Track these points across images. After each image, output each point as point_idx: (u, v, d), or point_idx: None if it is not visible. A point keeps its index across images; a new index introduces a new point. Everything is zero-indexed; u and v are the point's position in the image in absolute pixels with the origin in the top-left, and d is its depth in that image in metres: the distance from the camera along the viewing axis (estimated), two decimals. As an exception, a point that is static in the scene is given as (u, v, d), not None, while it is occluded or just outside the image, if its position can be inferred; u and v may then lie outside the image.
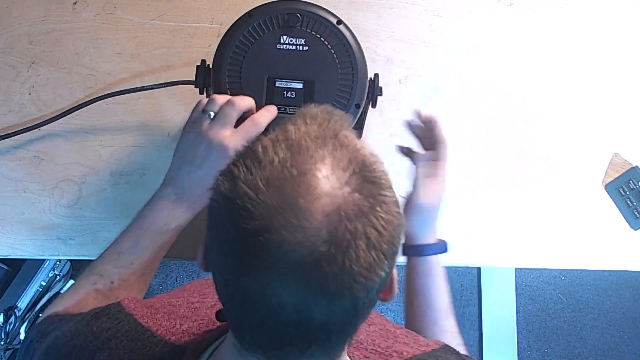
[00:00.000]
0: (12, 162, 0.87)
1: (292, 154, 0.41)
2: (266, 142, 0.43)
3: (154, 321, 0.58)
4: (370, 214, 0.40)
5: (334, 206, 0.39)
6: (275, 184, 0.40)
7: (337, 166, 0.41)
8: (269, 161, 0.41)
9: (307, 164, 0.41)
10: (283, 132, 0.44)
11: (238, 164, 0.42)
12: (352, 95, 0.72)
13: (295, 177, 0.40)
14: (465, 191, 0.90)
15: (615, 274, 1.87)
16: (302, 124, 0.45)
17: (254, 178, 0.40)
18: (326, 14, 0.71)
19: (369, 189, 0.41)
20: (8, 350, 1.28)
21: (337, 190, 0.40)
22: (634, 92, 0.93)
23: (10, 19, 0.90)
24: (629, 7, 0.94)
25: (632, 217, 0.89)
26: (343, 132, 0.45)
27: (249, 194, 0.40)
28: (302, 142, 0.42)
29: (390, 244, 0.41)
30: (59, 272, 1.31)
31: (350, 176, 0.41)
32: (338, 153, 0.42)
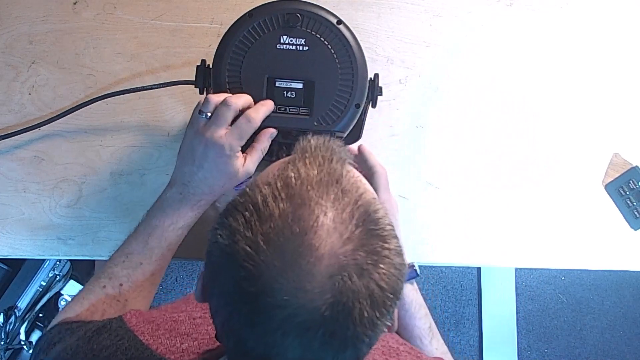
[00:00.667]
0: (12, 162, 0.87)
1: (294, 207, 0.40)
2: (266, 191, 0.41)
3: (154, 338, 0.57)
4: (374, 271, 0.39)
5: (337, 267, 0.38)
6: (276, 243, 0.39)
7: (340, 219, 0.40)
8: (269, 214, 0.40)
9: (309, 219, 0.39)
10: (283, 178, 0.42)
11: (237, 215, 0.41)
12: (352, 95, 0.72)
13: (297, 235, 0.39)
14: (465, 191, 0.90)
15: (615, 274, 1.87)
16: (302, 167, 0.43)
17: (254, 235, 0.39)
18: (326, 14, 0.71)
19: (372, 244, 0.40)
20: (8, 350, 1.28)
21: (340, 249, 0.39)
22: (634, 92, 0.93)
23: (10, 19, 0.90)
24: (629, 7, 0.94)
25: (632, 217, 0.89)
26: (345, 175, 0.44)
27: (249, 253, 0.39)
28: (303, 192, 0.41)
29: (393, 297, 0.41)
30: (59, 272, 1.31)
31: (352, 231, 0.40)
32: (340, 204, 0.41)
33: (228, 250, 0.40)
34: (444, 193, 0.89)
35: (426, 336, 0.75)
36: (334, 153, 0.45)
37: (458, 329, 1.80)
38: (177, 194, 0.70)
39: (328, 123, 0.72)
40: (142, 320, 0.60)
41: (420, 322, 0.75)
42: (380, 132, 0.90)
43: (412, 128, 0.90)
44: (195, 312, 0.64)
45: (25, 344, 1.27)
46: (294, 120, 0.72)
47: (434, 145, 0.90)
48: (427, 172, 0.90)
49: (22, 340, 1.27)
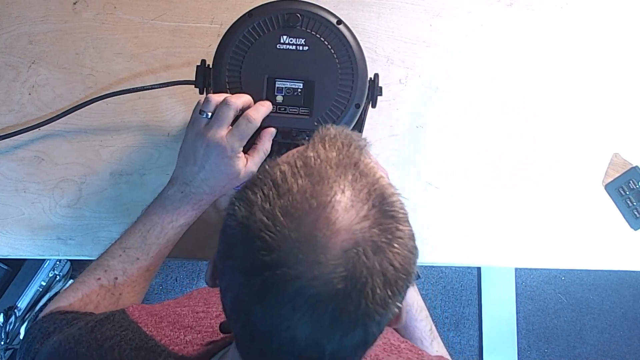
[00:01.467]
0: (12, 162, 0.87)
1: (312, 183, 0.40)
2: (285, 168, 0.42)
3: (157, 330, 0.57)
4: (388, 250, 0.40)
5: (352, 242, 0.39)
6: (293, 216, 0.39)
7: (357, 198, 0.40)
8: (287, 189, 0.40)
9: (327, 195, 0.40)
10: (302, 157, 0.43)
11: (255, 189, 0.41)
12: (352, 95, 0.72)
13: (314, 209, 0.39)
14: (465, 191, 0.90)
15: (615, 274, 1.86)
16: (322, 149, 0.44)
17: (272, 207, 0.40)
18: (326, 14, 0.71)
19: (387, 224, 0.41)
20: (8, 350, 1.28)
21: (356, 225, 0.39)
22: (634, 92, 0.93)
23: (10, 19, 0.90)
24: (629, 7, 0.94)
25: (632, 217, 0.89)
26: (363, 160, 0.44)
27: (267, 224, 0.39)
28: (322, 170, 0.41)
29: (405, 279, 0.41)
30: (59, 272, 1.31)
31: (369, 210, 0.40)
32: (358, 184, 0.41)
33: (245, 221, 0.40)
34: (444, 193, 0.89)
35: (427, 338, 0.75)
36: (352, 140, 0.46)
37: (458, 329, 1.80)
38: (179, 193, 0.70)
39: (328, 123, 0.72)
40: (145, 313, 0.60)
41: (421, 324, 0.75)
42: (380, 132, 0.90)
43: (412, 128, 0.90)
44: (198, 306, 0.64)
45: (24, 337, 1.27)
46: (294, 120, 0.72)
47: (434, 145, 0.90)
48: (427, 172, 0.90)
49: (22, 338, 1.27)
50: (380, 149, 0.89)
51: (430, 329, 0.75)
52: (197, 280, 1.80)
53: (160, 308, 0.62)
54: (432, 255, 0.88)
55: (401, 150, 0.90)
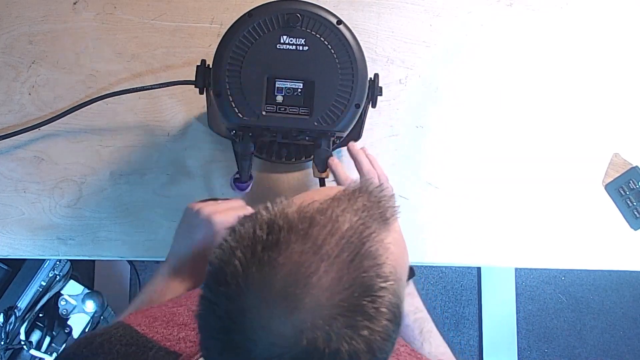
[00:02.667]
0: (12, 162, 0.87)
1: (303, 249, 0.39)
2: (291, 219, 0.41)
3: (150, 328, 0.57)
4: (345, 344, 0.38)
5: (310, 325, 0.37)
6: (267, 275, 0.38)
7: (337, 287, 0.39)
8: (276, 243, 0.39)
9: (310, 270, 0.38)
10: (311, 214, 0.41)
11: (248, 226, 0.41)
12: (352, 95, 0.72)
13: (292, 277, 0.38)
14: (465, 191, 0.90)
15: (615, 274, 1.86)
16: (340, 211, 0.42)
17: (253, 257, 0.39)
18: (326, 14, 0.71)
19: (357, 320, 0.39)
20: (8, 350, 1.28)
21: (324, 310, 0.38)
22: (634, 92, 0.93)
23: (10, 19, 0.90)
24: (629, 7, 0.94)
25: (632, 217, 0.89)
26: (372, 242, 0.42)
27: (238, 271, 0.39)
28: (319, 239, 0.40)
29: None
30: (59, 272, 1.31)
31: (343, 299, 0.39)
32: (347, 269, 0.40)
33: (224, 258, 0.40)
34: (444, 193, 0.89)
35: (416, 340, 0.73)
36: (383, 203, 0.44)
37: (458, 329, 1.80)
38: (168, 270, 0.72)
39: (328, 123, 0.72)
40: (140, 315, 0.61)
41: (407, 329, 0.74)
42: (380, 132, 0.90)
43: (412, 128, 0.90)
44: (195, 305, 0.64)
45: (25, 344, 1.27)
46: (294, 120, 0.72)
47: (434, 145, 0.90)
48: (427, 172, 0.90)
49: (22, 340, 1.27)
50: (380, 149, 0.89)
51: (421, 331, 0.74)
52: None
53: (157, 309, 0.62)
54: (432, 255, 0.88)
55: (401, 150, 0.90)
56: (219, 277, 0.40)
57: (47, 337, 1.31)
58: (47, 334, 1.30)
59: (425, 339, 0.74)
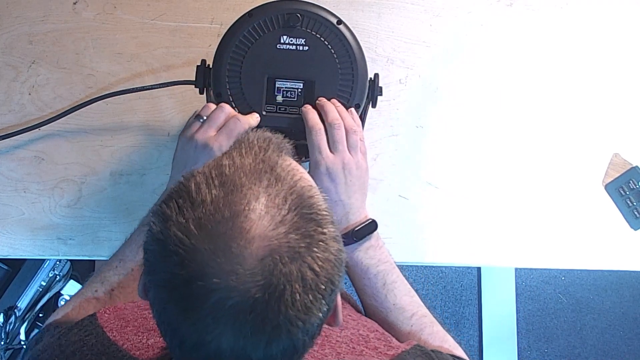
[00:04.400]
0: (12, 162, 0.87)
1: (225, 193, 0.40)
2: (200, 179, 0.41)
3: (121, 335, 0.57)
4: (307, 255, 0.39)
5: (268, 249, 0.38)
6: (207, 227, 0.39)
7: (272, 204, 0.40)
8: (201, 200, 0.40)
9: (240, 204, 0.39)
10: (217, 167, 0.42)
11: (170, 203, 0.41)
12: (352, 95, 0.72)
13: (227, 219, 0.39)
14: (465, 191, 0.90)
15: (615, 274, 1.86)
16: (238, 157, 0.43)
17: (186, 220, 0.39)
18: (326, 14, 0.71)
19: (306, 228, 0.40)
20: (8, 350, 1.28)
21: (271, 231, 0.39)
22: (634, 92, 0.93)
23: (10, 19, 0.90)
24: (629, 7, 0.94)
25: (632, 217, 0.89)
26: (280, 163, 0.43)
27: (181, 238, 0.39)
28: (235, 179, 0.41)
29: (329, 282, 0.40)
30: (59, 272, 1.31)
31: (285, 214, 0.40)
32: (273, 189, 0.41)
33: (160, 237, 0.40)
34: (444, 193, 0.89)
35: (379, 293, 0.72)
36: (270, 143, 0.46)
37: (458, 329, 1.80)
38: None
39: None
40: (113, 316, 0.61)
41: (370, 281, 0.72)
42: (380, 132, 0.90)
43: (412, 128, 0.90)
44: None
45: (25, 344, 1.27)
46: (294, 121, 0.72)
47: (434, 145, 0.90)
48: (427, 172, 0.90)
49: (22, 340, 1.27)
50: (380, 149, 0.89)
51: (384, 284, 0.72)
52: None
53: (131, 311, 0.62)
54: (432, 255, 0.88)
55: (401, 150, 0.90)
56: (165, 250, 0.40)
57: (47, 337, 1.31)
58: (47, 334, 1.30)
59: (389, 291, 0.72)
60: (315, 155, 0.69)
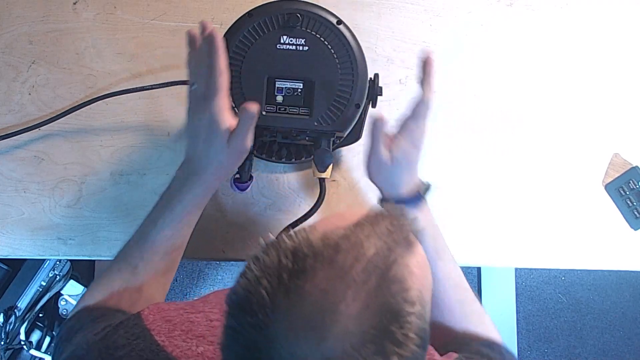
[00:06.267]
0: (12, 162, 0.87)
1: (330, 277, 0.40)
2: (316, 247, 0.41)
3: (170, 340, 0.57)
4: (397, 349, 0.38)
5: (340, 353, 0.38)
6: (295, 303, 0.38)
7: (366, 315, 0.39)
8: (303, 270, 0.40)
9: (338, 297, 0.39)
10: (335, 240, 0.42)
11: (272, 255, 0.41)
12: (352, 95, 0.72)
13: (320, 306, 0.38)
14: (466, 191, 0.90)
15: (615, 274, 1.86)
16: (365, 238, 0.42)
17: (279, 285, 0.39)
18: (326, 14, 0.71)
19: (386, 349, 0.39)
20: (8, 350, 1.28)
21: (352, 339, 0.38)
22: (634, 92, 0.93)
23: (10, 19, 0.90)
24: (629, 7, 0.94)
25: (632, 217, 0.89)
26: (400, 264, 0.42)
27: (266, 302, 0.39)
28: (346, 267, 0.40)
29: None
30: (59, 272, 1.31)
31: (371, 328, 0.39)
32: (374, 298, 0.40)
33: (250, 288, 0.40)
34: (444, 193, 0.89)
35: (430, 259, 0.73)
36: (406, 227, 0.45)
37: (458, 329, 1.79)
38: (183, 173, 0.70)
39: (328, 123, 0.72)
40: (159, 318, 0.60)
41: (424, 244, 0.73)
42: (380, 132, 0.90)
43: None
44: (212, 313, 0.63)
45: (25, 344, 1.27)
46: (294, 121, 0.72)
47: (434, 145, 0.90)
48: (427, 172, 0.89)
49: (22, 340, 1.27)
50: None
51: (435, 249, 0.73)
52: (197, 280, 1.80)
53: (175, 314, 0.61)
54: (432, 255, 0.88)
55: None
56: (245, 307, 0.40)
57: (47, 337, 1.31)
58: (47, 334, 1.31)
59: (440, 257, 0.74)
60: (419, 127, 0.70)
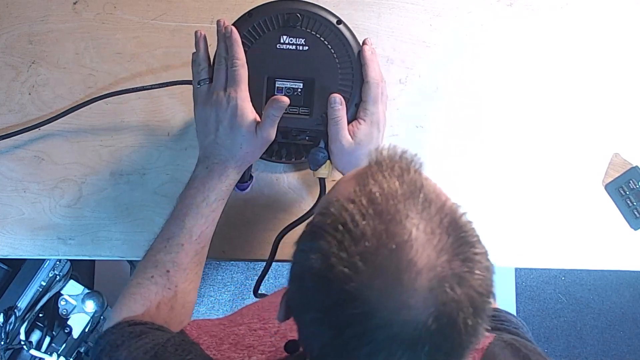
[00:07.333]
0: (12, 162, 0.87)
1: (384, 223, 0.40)
2: (352, 209, 0.41)
3: (221, 353, 0.56)
4: (471, 279, 0.39)
5: (436, 279, 0.38)
6: (374, 262, 0.38)
7: (431, 231, 0.40)
8: (361, 233, 0.39)
9: (402, 234, 0.39)
10: (366, 194, 0.42)
11: (327, 236, 0.40)
12: (352, 95, 0.72)
13: (394, 251, 0.38)
14: (465, 191, 0.90)
15: (615, 274, 1.86)
16: (382, 179, 0.43)
17: (350, 256, 0.39)
18: (326, 14, 0.71)
19: (465, 252, 0.40)
20: (8, 350, 1.28)
21: (436, 260, 0.39)
22: (634, 92, 0.93)
23: (10, 19, 0.90)
24: (629, 7, 0.94)
25: (632, 217, 0.89)
26: (425, 184, 0.44)
27: (348, 274, 0.38)
28: (390, 207, 0.41)
29: (489, 300, 0.41)
30: (59, 272, 1.31)
31: (445, 241, 0.40)
32: (427, 214, 0.41)
33: (323, 273, 0.39)
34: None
35: None
36: (409, 162, 0.45)
37: (458, 329, 1.80)
38: (204, 169, 0.71)
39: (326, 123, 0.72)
40: (202, 333, 0.59)
41: None
42: (380, 132, 0.90)
43: (412, 128, 0.90)
44: (253, 323, 0.63)
45: (25, 344, 1.27)
46: (294, 120, 0.72)
47: (434, 145, 0.90)
48: (427, 172, 0.89)
49: (22, 340, 1.27)
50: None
51: None
52: (205, 282, 1.80)
53: (217, 329, 0.61)
54: (432, 255, 0.88)
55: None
56: (330, 287, 0.39)
57: (47, 337, 1.31)
58: (47, 334, 1.30)
59: None
60: (373, 106, 0.72)
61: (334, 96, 0.71)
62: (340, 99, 0.71)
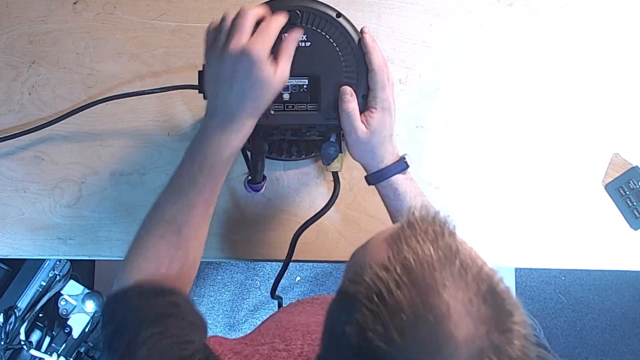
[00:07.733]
0: (12, 162, 0.87)
1: (420, 294, 0.39)
2: (387, 278, 0.40)
3: None
4: (509, 348, 0.39)
5: (476, 352, 0.38)
6: (412, 336, 0.38)
7: (469, 301, 0.39)
8: (396, 304, 0.39)
9: (441, 306, 0.38)
10: (400, 260, 0.41)
11: (362, 309, 0.39)
12: (357, 87, 0.72)
13: (432, 324, 0.38)
14: (465, 191, 0.90)
15: (615, 274, 1.86)
16: (416, 244, 0.42)
17: (387, 330, 0.38)
18: (325, 8, 0.71)
19: (503, 322, 0.40)
20: (8, 350, 1.28)
21: (475, 332, 0.38)
22: (634, 92, 0.93)
23: (10, 19, 0.90)
24: (629, 7, 0.94)
25: (632, 217, 0.89)
26: (460, 249, 0.42)
27: (386, 350, 0.38)
28: (425, 274, 0.40)
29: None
30: (59, 272, 1.31)
31: (484, 311, 0.39)
32: (464, 282, 0.40)
33: (361, 349, 0.39)
34: (444, 193, 0.89)
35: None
36: (443, 225, 0.44)
37: (458, 329, 1.80)
38: (218, 123, 0.65)
39: (336, 116, 0.72)
40: (227, 350, 0.58)
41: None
42: (380, 132, 0.89)
43: (412, 128, 0.90)
44: (276, 343, 0.62)
45: (25, 344, 1.27)
46: (303, 117, 0.72)
47: (434, 145, 0.90)
48: (427, 172, 0.89)
49: (22, 340, 1.27)
50: (380, 149, 0.89)
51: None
52: (197, 280, 1.80)
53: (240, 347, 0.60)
54: (432, 255, 0.88)
55: (401, 150, 0.89)
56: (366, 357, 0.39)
57: (47, 337, 1.31)
58: (47, 334, 1.31)
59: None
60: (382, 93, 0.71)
61: (344, 88, 0.70)
62: (350, 91, 0.70)
